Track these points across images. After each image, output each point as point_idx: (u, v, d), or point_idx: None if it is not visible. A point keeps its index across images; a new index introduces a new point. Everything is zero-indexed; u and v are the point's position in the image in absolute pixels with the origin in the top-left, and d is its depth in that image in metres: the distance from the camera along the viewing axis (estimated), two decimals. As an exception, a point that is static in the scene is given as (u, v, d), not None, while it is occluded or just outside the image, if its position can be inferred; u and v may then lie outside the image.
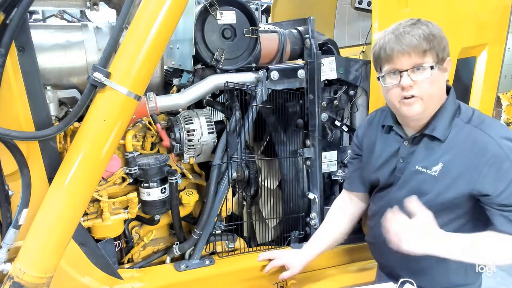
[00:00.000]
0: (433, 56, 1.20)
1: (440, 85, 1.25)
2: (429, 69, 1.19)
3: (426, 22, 1.22)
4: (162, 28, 1.27)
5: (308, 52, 1.75)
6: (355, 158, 1.57)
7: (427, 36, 1.19)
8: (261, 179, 1.93)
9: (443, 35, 1.22)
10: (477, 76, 2.12)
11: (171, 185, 1.66)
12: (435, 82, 1.23)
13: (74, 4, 1.56)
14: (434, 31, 1.20)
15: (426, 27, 1.20)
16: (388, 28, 1.24)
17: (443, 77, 1.25)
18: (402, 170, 1.33)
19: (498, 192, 1.18)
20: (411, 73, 1.20)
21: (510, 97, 5.19)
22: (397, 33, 1.20)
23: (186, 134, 1.65)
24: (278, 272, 1.65)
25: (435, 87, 1.24)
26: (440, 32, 1.22)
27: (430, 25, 1.21)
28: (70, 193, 1.26)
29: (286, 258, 1.65)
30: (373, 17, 1.70)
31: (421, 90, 1.22)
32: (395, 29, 1.22)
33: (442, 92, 1.27)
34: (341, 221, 1.60)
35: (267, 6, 4.80)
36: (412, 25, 1.21)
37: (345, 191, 1.64)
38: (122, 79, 1.24)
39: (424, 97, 1.22)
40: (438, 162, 1.25)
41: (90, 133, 1.26)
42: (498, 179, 1.18)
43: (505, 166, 1.17)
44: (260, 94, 1.63)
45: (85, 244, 1.47)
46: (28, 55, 1.26)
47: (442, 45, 1.22)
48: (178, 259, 1.77)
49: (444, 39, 1.22)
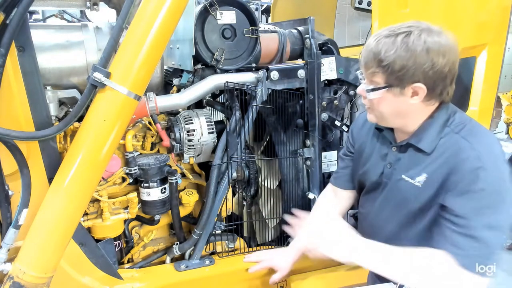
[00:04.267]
0: (385, 79, 1.16)
1: (397, 108, 1.19)
2: (378, 89, 1.17)
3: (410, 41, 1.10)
4: (162, 28, 1.27)
5: (308, 52, 1.75)
6: (347, 155, 1.55)
7: (378, 59, 1.14)
8: (261, 179, 1.93)
9: (410, 63, 1.10)
10: (477, 76, 2.12)
11: (171, 185, 1.66)
12: (388, 104, 1.19)
13: (74, 4, 1.56)
14: (393, 56, 1.10)
15: (393, 49, 1.11)
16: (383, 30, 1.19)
17: (405, 102, 1.17)
18: (389, 176, 1.31)
19: (456, 207, 1.11)
20: (366, 85, 1.21)
21: (510, 97, 5.19)
22: (372, 41, 1.18)
23: (186, 134, 1.65)
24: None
25: (388, 108, 1.20)
26: (408, 59, 1.10)
27: (403, 48, 1.10)
28: (70, 193, 1.26)
29: (273, 260, 1.65)
30: (373, 17, 1.70)
31: (372, 105, 1.23)
32: (378, 35, 1.17)
33: (403, 113, 1.20)
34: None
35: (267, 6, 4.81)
36: (388, 37, 1.14)
37: (331, 185, 1.62)
38: (122, 79, 1.24)
39: (375, 113, 1.24)
40: (422, 173, 1.21)
41: (90, 133, 1.26)
42: (464, 194, 1.10)
43: (476, 187, 1.08)
44: (260, 94, 1.63)
45: (85, 244, 1.47)
46: (28, 55, 1.26)
47: (404, 72, 1.12)
48: (178, 259, 1.77)
49: (410, 68, 1.11)
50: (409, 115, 1.21)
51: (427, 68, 1.11)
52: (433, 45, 1.10)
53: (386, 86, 1.16)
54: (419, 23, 1.16)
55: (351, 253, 1.20)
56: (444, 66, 1.12)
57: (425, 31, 1.12)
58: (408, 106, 1.18)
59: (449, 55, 1.12)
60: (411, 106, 1.18)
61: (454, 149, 1.16)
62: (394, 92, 1.16)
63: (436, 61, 1.11)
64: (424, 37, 1.11)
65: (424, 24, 1.15)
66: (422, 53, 1.10)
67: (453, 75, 1.16)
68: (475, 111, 2.13)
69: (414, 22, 1.17)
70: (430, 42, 1.10)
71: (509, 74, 4.58)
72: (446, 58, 1.12)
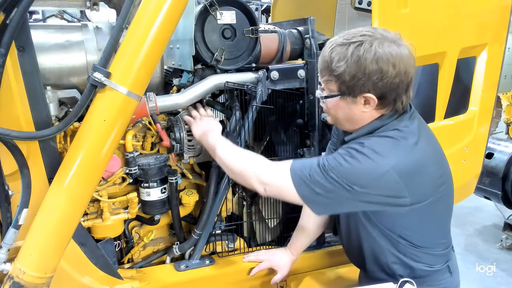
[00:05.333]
0: (337, 87, 1.19)
1: (350, 114, 1.23)
2: (331, 97, 1.22)
3: (361, 52, 1.12)
4: (162, 28, 1.27)
5: (308, 52, 1.75)
6: (332, 145, 1.57)
7: (330, 68, 1.17)
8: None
9: (360, 74, 1.12)
10: (477, 76, 2.12)
11: (171, 185, 1.66)
12: (341, 110, 1.24)
13: (74, 4, 1.56)
14: (344, 67, 1.13)
15: (344, 59, 1.13)
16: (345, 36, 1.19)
17: (357, 109, 1.21)
18: None
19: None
20: (321, 92, 1.25)
21: (510, 97, 5.19)
22: (327, 48, 1.19)
23: (186, 134, 1.65)
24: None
25: (341, 114, 1.25)
26: (358, 70, 1.12)
27: (353, 59, 1.12)
28: (70, 193, 1.26)
29: (273, 260, 1.66)
30: (373, 17, 1.70)
31: (327, 109, 1.29)
32: (333, 42, 1.19)
33: (355, 119, 1.25)
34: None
35: (267, 6, 4.81)
36: (341, 45, 1.15)
37: None
38: (122, 79, 1.24)
39: (331, 117, 1.30)
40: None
41: (90, 133, 1.26)
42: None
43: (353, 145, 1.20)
44: (260, 94, 1.63)
45: (85, 244, 1.46)
46: (28, 55, 1.26)
47: (354, 82, 1.14)
48: (178, 259, 1.77)
49: (360, 79, 1.13)
50: (362, 121, 1.25)
51: (376, 79, 1.13)
52: (383, 56, 1.11)
53: (339, 94, 1.20)
54: (374, 31, 1.16)
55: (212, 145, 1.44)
56: (394, 76, 1.13)
57: (378, 40, 1.12)
58: (361, 113, 1.22)
59: (400, 65, 1.13)
60: (363, 113, 1.22)
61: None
62: (346, 100, 1.20)
63: (386, 72, 1.12)
64: (375, 47, 1.11)
65: (378, 33, 1.15)
66: (372, 65, 1.11)
67: (406, 84, 1.17)
68: (475, 111, 2.13)
69: (369, 30, 1.16)
70: (380, 53, 1.11)
71: (509, 74, 4.59)
72: (396, 68, 1.12)
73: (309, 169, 1.20)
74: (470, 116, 2.13)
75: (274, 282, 1.65)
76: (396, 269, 1.35)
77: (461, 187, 2.19)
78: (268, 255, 1.70)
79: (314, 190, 1.18)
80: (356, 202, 1.20)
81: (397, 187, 1.16)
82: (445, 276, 1.40)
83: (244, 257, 1.73)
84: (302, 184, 1.20)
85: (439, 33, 1.89)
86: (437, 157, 1.29)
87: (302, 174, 1.20)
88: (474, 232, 4.05)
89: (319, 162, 1.20)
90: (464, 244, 3.78)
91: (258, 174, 1.28)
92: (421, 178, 1.20)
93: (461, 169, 2.12)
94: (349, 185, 1.15)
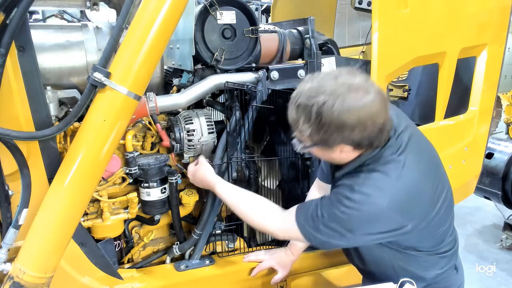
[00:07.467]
0: (309, 140, 1.18)
1: (329, 157, 1.25)
2: (306, 147, 1.23)
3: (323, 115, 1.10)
4: (162, 28, 1.26)
5: (308, 52, 1.75)
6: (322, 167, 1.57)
7: (298, 128, 1.18)
8: (261, 179, 1.93)
9: (327, 135, 1.13)
10: (477, 76, 2.12)
11: (171, 185, 1.66)
12: (321, 154, 1.26)
13: (74, 4, 1.56)
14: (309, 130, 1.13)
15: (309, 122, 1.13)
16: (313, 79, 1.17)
17: (335, 154, 1.22)
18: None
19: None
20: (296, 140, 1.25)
21: (510, 97, 5.19)
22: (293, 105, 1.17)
23: (186, 134, 1.65)
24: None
25: (322, 156, 1.29)
26: (324, 132, 1.12)
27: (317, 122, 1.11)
28: (70, 193, 1.26)
29: (274, 259, 1.67)
30: (373, 17, 1.70)
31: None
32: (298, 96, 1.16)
33: (336, 160, 1.26)
34: None
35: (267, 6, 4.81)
36: (304, 107, 1.13)
37: (316, 179, 1.64)
38: (122, 79, 1.24)
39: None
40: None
41: (90, 133, 1.26)
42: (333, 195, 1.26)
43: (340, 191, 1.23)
44: (260, 94, 1.63)
45: (85, 244, 1.47)
46: (28, 55, 1.26)
47: (323, 141, 1.16)
48: (178, 259, 1.77)
49: (328, 138, 1.14)
50: (346, 161, 1.26)
51: (344, 137, 1.13)
52: (347, 114, 1.09)
53: (314, 145, 1.20)
54: (339, 83, 1.12)
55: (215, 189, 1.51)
56: (362, 130, 1.12)
57: (341, 97, 1.09)
58: (341, 157, 1.24)
59: (366, 118, 1.11)
60: (343, 157, 1.24)
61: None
62: (322, 149, 1.21)
63: (353, 128, 1.11)
64: (338, 106, 1.09)
65: (344, 84, 1.11)
66: (337, 124, 1.10)
67: (378, 130, 1.15)
68: (475, 111, 2.13)
69: (333, 84, 1.12)
70: (344, 111, 1.09)
71: (509, 74, 4.59)
72: (363, 122, 1.11)
73: (312, 221, 1.25)
74: (470, 116, 2.13)
75: (274, 282, 1.65)
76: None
77: (461, 187, 2.19)
78: (268, 255, 1.70)
79: (321, 238, 1.25)
80: (360, 241, 1.29)
81: (396, 221, 1.19)
82: (452, 274, 1.41)
83: (244, 257, 1.73)
84: (310, 234, 1.27)
85: (439, 33, 1.89)
86: (430, 170, 1.29)
87: (308, 224, 1.27)
88: (474, 232, 4.05)
89: (318, 212, 1.24)
90: (464, 244, 3.78)
91: (268, 230, 1.41)
92: (418, 202, 1.22)
93: (461, 169, 2.12)
94: (350, 231, 1.20)
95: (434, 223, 1.27)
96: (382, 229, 1.20)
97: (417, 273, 1.33)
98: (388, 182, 1.18)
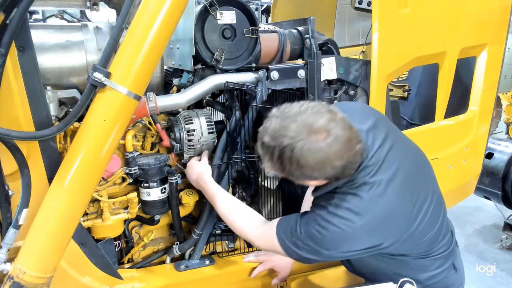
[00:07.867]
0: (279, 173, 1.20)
1: (302, 183, 1.28)
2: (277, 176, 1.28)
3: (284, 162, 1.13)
4: (162, 28, 1.27)
5: (308, 52, 1.75)
6: None
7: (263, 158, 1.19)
8: (261, 179, 1.93)
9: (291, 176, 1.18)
10: (477, 76, 2.12)
11: (171, 185, 1.66)
12: (295, 181, 1.27)
13: (74, 4, 1.56)
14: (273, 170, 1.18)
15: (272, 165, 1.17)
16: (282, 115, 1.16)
17: (308, 183, 1.27)
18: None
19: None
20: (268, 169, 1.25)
21: (510, 97, 5.19)
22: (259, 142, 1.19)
23: (186, 134, 1.65)
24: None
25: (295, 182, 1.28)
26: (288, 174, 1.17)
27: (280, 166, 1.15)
28: (70, 193, 1.26)
29: (274, 261, 1.67)
30: (373, 17, 1.70)
31: None
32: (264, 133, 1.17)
33: (310, 185, 1.31)
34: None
35: (267, 6, 4.81)
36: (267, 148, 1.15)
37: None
38: (122, 79, 1.24)
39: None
40: None
41: (90, 133, 1.26)
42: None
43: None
44: (260, 94, 1.63)
45: (85, 244, 1.47)
46: (28, 55, 1.26)
47: (289, 178, 1.20)
48: (178, 259, 1.77)
49: (293, 177, 1.19)
50: (316, 185, 1.29)
51: (307, 176, 1.16)
52: (305, 160, 1.10)
53: (285, 176, 1.21)
54: (298, 130, 1.10)
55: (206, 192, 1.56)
56: (323, 172, 1.14)
57: (301, 142, 1.09)
58: (309, 184, 1.29)
59: (324, 161, 1.11)
60: (311, 183, 1.27)
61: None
62: (292, 179, 1.24)
63: (313, 171, 1.13)
64: (297, 151, 1.09)
65: (304, 130, 1.10)
66: (297, 168, 1.12)
67: (343, 167, 1.15)
68: (475, 111, 2.14)
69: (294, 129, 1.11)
70: (302, 156, 1.10)
71: (509, 74, 4.58)
72: (321, 166, 1.12)
73: (291, 236, 1.28)
74: (470, 116, 2.13)
75: (275, 282, 1.65)
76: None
77: (461, 187, 2.19)
78: (268, 256, 1.70)
79: (300, 253, 1.28)
80: (338, 258, 1.37)
81: (370, 241, 1.22)
82: (451, 273, 1.40)
83: (244, 257, 1.73)
84: (289, 248, 1.30)
85: (439, 33, 1.89)
86: (407, 185, 1.26)
87: (287, 239, 1.30)
88: (474, 232, 4.05)
89: (297, 229, 1.27)
90: (464, 244, 3.78)
91: (250, 239, 1.45)
92: (392, 221, 1.22)
93: (461, 169, 2.12)
94: (326, 249, 1.23)
95: (417, 233, 1.26)
96: (357, 248, 1.23)
97: (411, 276, 1.32)
98: (361, 204, 1.19)
